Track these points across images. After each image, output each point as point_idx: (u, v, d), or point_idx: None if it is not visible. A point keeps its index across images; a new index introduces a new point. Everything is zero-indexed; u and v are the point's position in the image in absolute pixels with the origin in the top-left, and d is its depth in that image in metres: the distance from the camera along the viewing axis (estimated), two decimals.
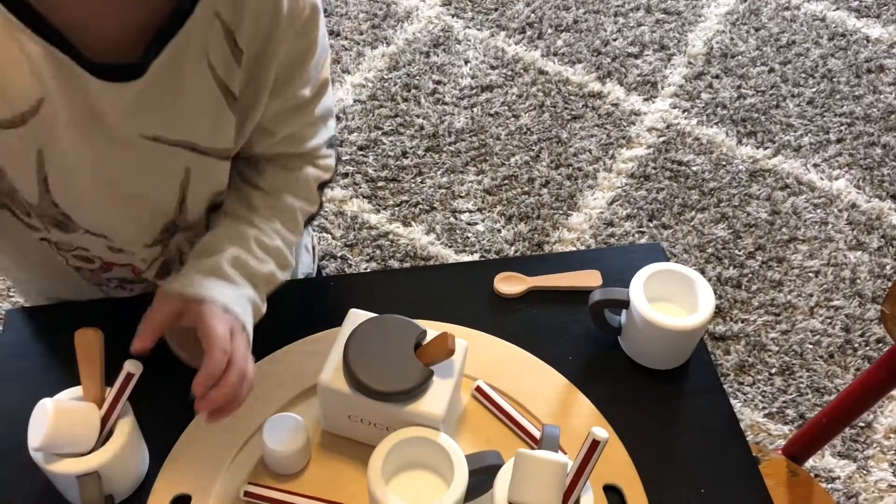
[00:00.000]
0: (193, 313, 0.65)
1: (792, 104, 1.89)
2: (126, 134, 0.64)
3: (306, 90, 0.71)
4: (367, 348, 0.69)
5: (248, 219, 0.73)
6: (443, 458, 0.67)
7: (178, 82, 0.63)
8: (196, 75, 0.63)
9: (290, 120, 0.72)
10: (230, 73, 0.65)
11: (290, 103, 0.71)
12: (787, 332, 1.52)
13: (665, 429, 0.80)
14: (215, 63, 0.63)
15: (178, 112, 0.65)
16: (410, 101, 1.84)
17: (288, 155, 0.76)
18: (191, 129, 0.67)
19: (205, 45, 0.62)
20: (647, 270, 0.83)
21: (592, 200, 1.68)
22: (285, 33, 0.65)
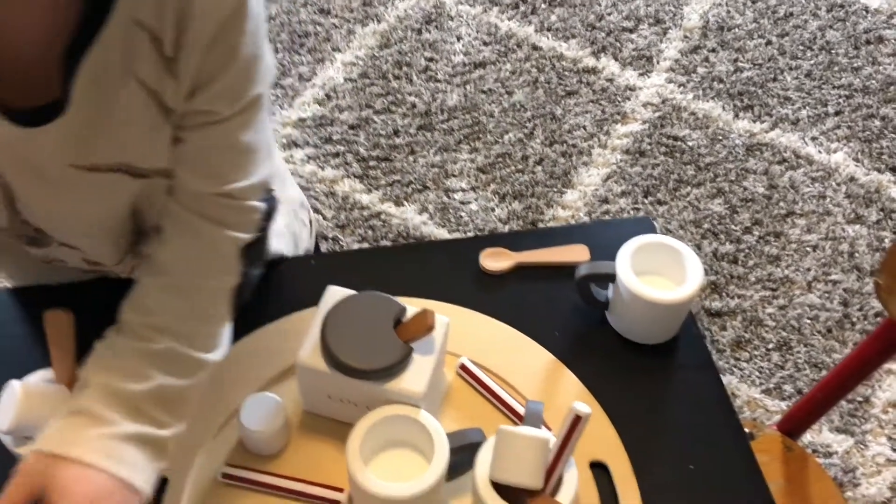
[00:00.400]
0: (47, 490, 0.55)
1: (790, 77, 1.86)
2: (58, 170, 0.60)
3: (221, 104, 0.60)
4: (346, 326, 0.68)
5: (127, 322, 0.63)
6: (424, 436, 0.66)
7: (105, 105, 0.58)
8: (124, 93, 0.58)
9: (199, 133, 0.62)
10: (163, 85, 0.58)
11: (198, 107, 0.61)
12: (784, 307, 1.50)
13: (654, 404, 0.78)
14: (144, 76, 0.58)
15: (110, 135, 0.60)
16: (402, 78, 1.81)
17: (197, 200, 0.64)
18: (127, 151, 0.61)
19: (128, 59, 0.56)
20: (633, 243, 0.81)
21: (587, 177, 1.66)
22: (199, 33, 0.57)
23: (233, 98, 0.61)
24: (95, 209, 0.65)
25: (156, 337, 0.62)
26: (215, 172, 0.63)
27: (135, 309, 0.63)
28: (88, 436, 0.57)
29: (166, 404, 0.61)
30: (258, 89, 0.61)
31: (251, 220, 0.66)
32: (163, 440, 0.61)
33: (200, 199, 0.64)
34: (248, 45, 0.59)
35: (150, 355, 0.61)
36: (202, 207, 0.64)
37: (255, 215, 0.66)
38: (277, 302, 0.82)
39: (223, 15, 0.56)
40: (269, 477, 0.68)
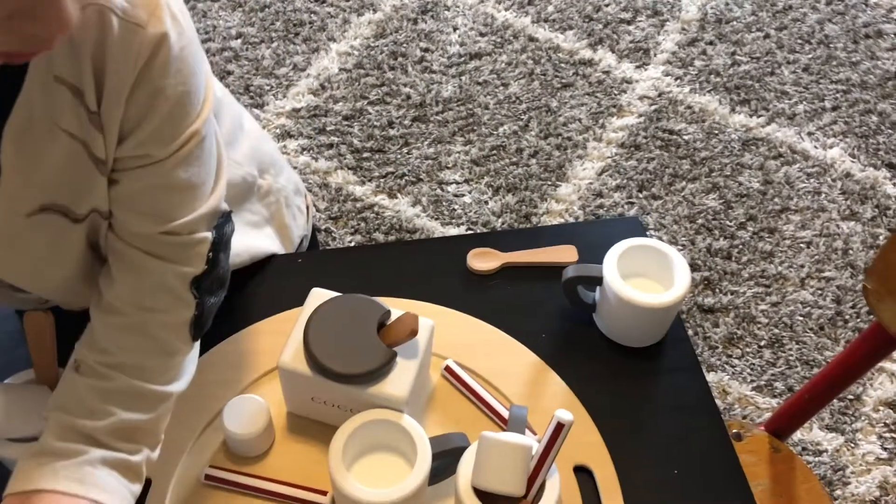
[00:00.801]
0: None
1: (787, 71, 1.85)
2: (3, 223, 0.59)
3: (153, 148, 0.58)
4: (329, 329, 0.67)
5: (82, 361, 0.61)
6: (407, 440, 0.65)
7: (35, 159, 0.56)
8: (53, 146, 0.56)
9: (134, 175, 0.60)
10: (90, 137, 0.57)
11: (128, 153, 0.59)
12: (777, 303, 1.50)
13: (639, 407, 0.78)
14: (71, 129, 0.56)
15: (44, 185, 0.58)
16: (397, 69, 1.80)
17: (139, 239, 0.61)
18: (62, 196, 0.59)
19: (52, 114, 0.55)
20: (620, 246, 0.80)
21: (582, 171, 1.65)
22: (117, 84, 0.55)
23: (165, 140, 0.58)
24: (55, 258, 0.64)
25: (112, 375, 0.60)
26: (155, 212, 0.61)
27: (89, 347, 0.62)
28: (56, 468, 0.56)
29: (130, 437, 0.60)
30: (194, 126, 0.59)
31: (198, 253, 0.63)
32: (135, 465, 0.60)
33: (143, 238, 0.61)
34: (173, 86, 0.57)
35: (108, 392, 0.60)
36: (145, 245, 0.61)
37: (203, 248, 0.63)
38: (262, 302, 0.81)
39: (140, 62, 0.54)
40: (252, 479, 0.68)
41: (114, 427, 0.59)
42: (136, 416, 0.60)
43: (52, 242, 0.62)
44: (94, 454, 0.58)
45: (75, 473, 0.57)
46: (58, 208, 0.60)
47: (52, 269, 0.65)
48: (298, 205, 0.93)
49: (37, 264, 0.64)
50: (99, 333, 0.62)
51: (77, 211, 0.61)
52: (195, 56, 0.58)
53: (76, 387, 0.61)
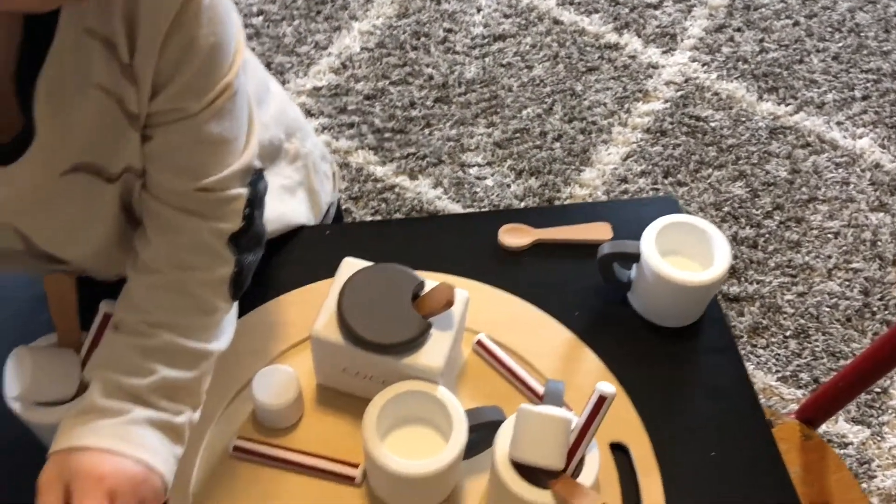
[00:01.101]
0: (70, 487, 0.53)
1: (816, 59, 1.81)
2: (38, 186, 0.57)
3: (188, 101, 0.57)
4: (363, 298, 0.66)
5: (121, 321, 0.61)
6: (441, 413, 0.64)
7: (68, 117, 0.55)
8: (86, 102, 0.55)
9: (168, 130, 0.59)
10: (123, 90, 0.56)
11: (162, 106, 0.58)
12: (803, 294, 1.47)
13: (674, 388, 0.76)
14: (104, 82, 0.55)
15: (77, 143, 0.57)
16: (420, 49, 1.78)
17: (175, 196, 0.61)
18: (94, 155, 0.58)
19: (85, 68, 0.54)
20: (659, 222, 0.78)
21: (606, 156, 1.63)
22: (151, 35, 0.54)
23: (199, 93, 0.57)
24: (88, 220, 0.63)
25: (152, 332, 0.59)
26: (189, 168, 0.60)
27: (128, 308, 0.61)
28: (100, 426, 0.56)
29: (173, 396, 0.59)
30: (226, 78, 0.58)
31: (234, 210, 0.62)
32: (178, 426, 0.59)
33: (177, 195, 0.60)
34: (205, 37, 0.55)
35: (149, 350, 0.59)
36: (180, 202, 0.60)
37: (238, 204, 0.62)
38: (292, 272, 0.80)
39: (172, 11, 0.53)
40: (281, 451, 0.67)
41: (157, 385, 0.58)
42: (177, 373, 0.59)
43: (86, 204, 0.61)
44: (138, 413, 0.57)
45: (120, 431, 0.56)
46: (91, 168, 0.59)
47: (85, 232, 0.64)
48: (325, 171, 0.91)
49: (70, 227, 0.62)
50: (137, 294, 0.61)
51: (110, 170, 0.60)
52: (225, 6, 0.57)
53: (117, 346, 0.60)
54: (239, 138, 0.61)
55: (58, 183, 0.58)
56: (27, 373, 0.61)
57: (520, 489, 0.59)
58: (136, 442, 0.56)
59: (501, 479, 0.60)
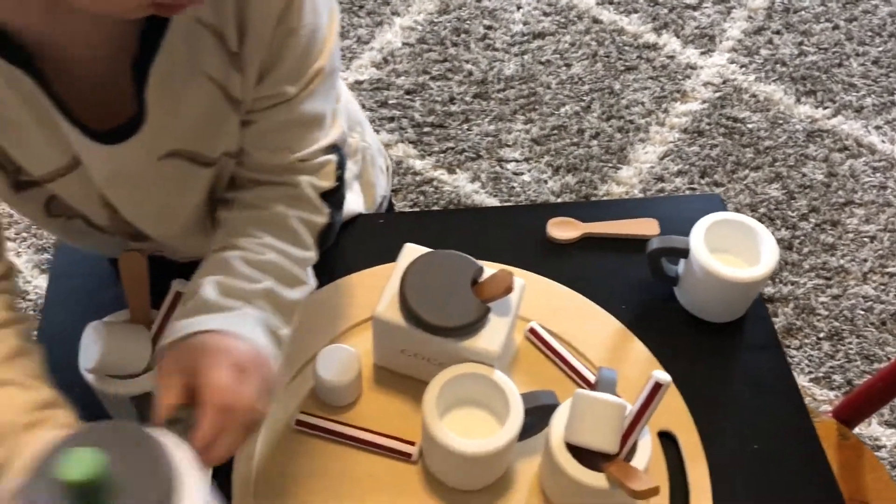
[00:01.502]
0: (192, 365, 0.54)
1: (856, 63, 1.81)
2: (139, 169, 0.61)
3: (287, 86, 0.61)
4: (424, 282, 0.68)
5: (228, 244, 0.63)
6: (497, 395, 0.66)
7: (175, 105, 0.58)
8: (192, 91, 0.58)
9: (269, 114, 0.63)
10: (229, 78, 0.59)
11: (265, 92, 0.61)
12: (837, 296, 1.48)
13: (719, 382, 0.78)
14: (211, 71, 0.58)
15: (181, 131, 0.61)
16: (460, 45, 1.80)
17: (271, 169, 0.65)
18: (196, 143, 0.62)
19: (195, 57, 0.57)
20: (708, 219, 0.80)
21: (643, 154, 1.64)
22: (261, 25, 0.57)
23: (297, 77, 0.61)
24: (178, 202, 0.66)
25: (261, 250, 0.62)
26: (284, 146, 0.64)
27: (232, 234, 0.64)
28: (216, 317, 0.57)
29: (277, 308, 0.61)
30: (319, 62, 0.62)
31: (328, 171, 0.67)
32: (283, 337, 0.61)
33: (274, 167, 0.65)
34: (306, 25, 0.59)
35: (258, 263, 0.61)
36: (277, 171, 0.65)
37: (331, 167, 0.67)
38: (350, 257, 0.82)
39: (281, 3, 0.57)
40: (342, 426, 0.69)
41: (266, 292, 0.60)
42: (282, 289, 0.62)
43: (178, 187, 0.65)
44: (250, 311, 0.58)
45: (235, 322, 0.57)
46: (187, 154, 0.62)
47: (173, 212, 0.67)
48: (381, 165, 0.94)
49: (160, 207, 0.66)
50: (242, 225, 0.64)
51: (209, 155, 0.63)
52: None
53: (225, 259, 0.61)
54: (328, 115, 0.66)
55: (154, 166, 0.61)
56: (102, 346, 0.64)
57: (574, 471, 0.61)
58: (251, 331, 0.57)
59: (556, 461, 0.62)
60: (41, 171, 0.61)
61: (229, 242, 0.63)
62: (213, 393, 0.52)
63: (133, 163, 0.61)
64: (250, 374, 0.54)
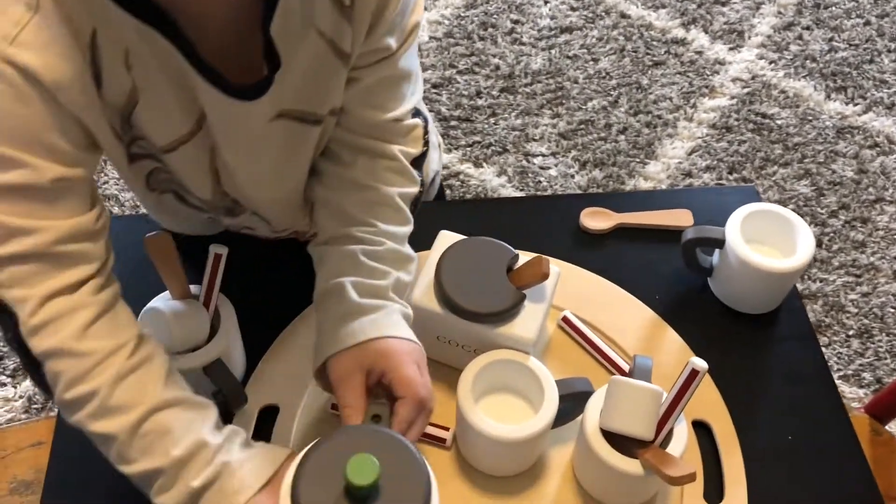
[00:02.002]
0: (377, 367, 0.60)
1: (887, 59, 1.79)
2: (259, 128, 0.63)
3: (391, 39, 0.63)
4: (460, 269, 0.68)
5: (346, 234, 0.66)
6: (532, 382, 0.66)
7: (289, 61, 0.59)
8: (304, 46, 0.60)
9: (372, 70, 0.65)
10: (340, 32, 0.60)
11: (372, 46, 0.63)
12: (867, 294, 1.46)
13: (753, 373, 0.78)
14: (323, 26, 0.60)
15: (294, 88, 0.62)
16: (487, 40, 1.80)
17: (370, 128, 0.67)
18: (308, 101, 0.64)
19: (308, 12, 0.58)
20: (744, 210, 0.80)
21: (671, 150, 1.63)
22: None
23: (400, 31, 0.63)
24: (288, 164, 0.68)
25: (379, 241, 0.65)
26: (384, 102, 0.66)
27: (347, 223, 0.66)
28: (373, 320, 0.61)
29: (400, 294, 0.65)
30: (415, 16, 0.64)
31: (416, 136, 0.69)
32: (410, 318, 0.65)
33: (372, 127, 0.67)
34: None
35: (380, 256, 0.65)
36: (375, 132, 0.67)
37: (419, 131, 0.69)
38: None
39: None
40: None
41: (394, 285, 0.65)
42: (403, 275, 0.66)
43: (287, 149, 0.66)
44: (392, 307, 0.63)
45: (394, 322, 0.62)
46: (296, 114, 0.64)
47: (279, 176, 0.69)
48: (433, 141, 0.94)
49: (268, 171, 0.67)
50: (354, 209, 0.66)
51: (318, 112, 0.65)
52: None
53: (348, 255, 0.65)
54: (416, 73, 0.68)
55: (269, 127, 0.63)
56: (164, 327, 0.65)
57: (610, 457, 0.61)
58: (406, 332, 0.63)
59: (591, 447, 0.62)
60: (166, 139, 0.62)
61: (347, 232, 0.66)
62: (409, 388, 0.59)
63: (255, 123, 0.62)
64: (423, 368, 0.62)
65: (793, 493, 0.70)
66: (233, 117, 0.61)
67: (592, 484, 0.67)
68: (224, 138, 0.63)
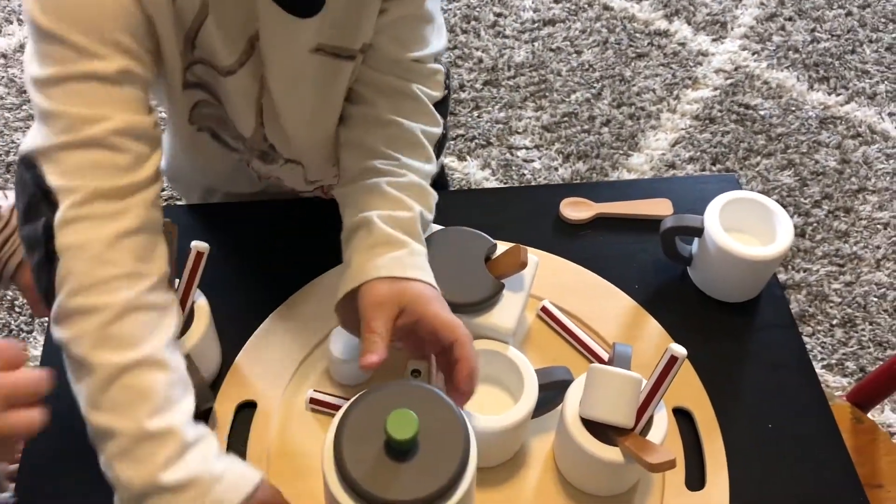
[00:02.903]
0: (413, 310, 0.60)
1: (869, 50, 1.80)
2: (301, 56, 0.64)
3: None
4: (437, 259, 0.68)
5: (369, 167, 0.66)
6: (511, 372, 0.66)
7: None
8: None
9: (399, 4, 0.67)
10: None
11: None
12: (850, 283, 1.47)
13: (734, 361, 0.78)
14: None
15: (333, 19, 0.63)
16: (470, 33, 1.79)
17: (392, 65, 0.69)
18: (343, 34, 0.65)
19: None
20: (723, 198, 0.79)
21: (654, 141, 1.63)
22: None
23: None
24: (326, 102, 0.69)
25: (402, 172, 0.66)
26: (408, 39, 0.68)
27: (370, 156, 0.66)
28: (399, 258, 0.61)
29: (424, 229, 0.66)
30: None
31: (437, 80, 0.71)
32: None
33: (396, 64, 0.68)
34: None
35: (404, 187, 0.65)
36: (398, 70, 0.68)
37: (440, 76, 0.71)
38: None
39: None
40: None
41: (418, 218, 0.65)
42: (427, 213, 0.66)
43: (324, 85, 0.67)
44: (416, 247, 0.63)
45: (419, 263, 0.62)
46: (330, 49, 0.65)
47: (322, 114, 0.69)
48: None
49: (313, 106, 0.68)
50: (377, 144, 0.67)
51: (352, 46, 0.65)
52: None
53: (372, 186, 0.65)
54: (439, 19, 0.71)
55: (306, 59, 0.64)
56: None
57: (589, 445, 0.61)
58: (431, 277, 0.63)
59: (571, 436, 0.62)
60: (228, 58, 0.62)
61: (370, 166, 0.66)
62: (458, 329, 0.58)
63: (299, 50, 0.63)
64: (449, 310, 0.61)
65: (773, 480, 0.70)
66: (282, 37, 0.62)
67: (573, 473, 0.66)
68: (271, 62, 0.63)
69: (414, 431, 0.49)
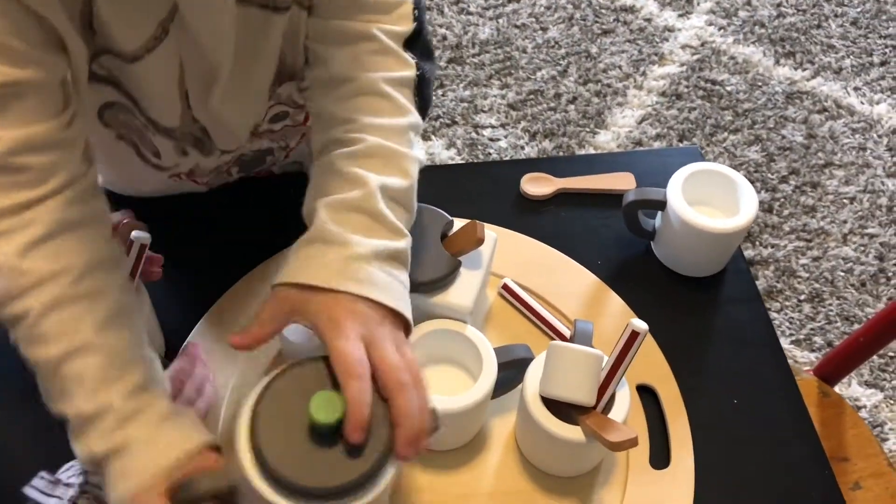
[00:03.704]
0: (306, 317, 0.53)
1: (834, 24, 1.79)
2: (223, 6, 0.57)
3: None
4: None
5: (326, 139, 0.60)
6: (470, 351, 0.64)
7: None
8: None
9: None
10: None
11: None
12: (818, 258, 1.47)
13: (698, 337, 0.76)
14: None
15: None
16: (433, 9, 1.76)
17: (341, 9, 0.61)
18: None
19: None
20: (686, 170, 0.78)
21: (621, 118, 1.62)
22: None
23: None
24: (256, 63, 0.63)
25: (359, 138, 0.57)
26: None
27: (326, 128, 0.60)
28: (328, 261, 0.53)
29: (390, 205, 0.56)
30: None
31: (401, 13, 0.61)
32: (402, 252, 0.56)
33: (341, 7, 0.60)
34: None
35: (359, 155, 0.57)
36: (350, 11, 0.60)
37: (405, 7, 0.62)
38: None
39: None
40: None
41: (375, 194, 0.56)
42: (391, 180, 0.57)
43: (254, 40, 0.60)
44: (363, 247, 0.53)
45: (349, 271, 0.52)
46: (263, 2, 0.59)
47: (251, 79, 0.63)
48: None
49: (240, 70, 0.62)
50: (332, 110, 0.60)
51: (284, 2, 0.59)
52: None
53: (326, 166, 0.58)
54: None
55: (233, 13, 0.57)
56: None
57: (550, 424, 0.59)
58: (369, 281, 0.53)
59: (532, 415, 0.60)
60: (133, 42, 0.56)
61: (331, 137, 0.59)
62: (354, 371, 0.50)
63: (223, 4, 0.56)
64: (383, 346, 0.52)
65: (739, 457, 0.69)
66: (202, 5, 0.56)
67: (535, 454, 0.64)
68: (196, 24, 0.57)
69: (340, 413, 0.47)
